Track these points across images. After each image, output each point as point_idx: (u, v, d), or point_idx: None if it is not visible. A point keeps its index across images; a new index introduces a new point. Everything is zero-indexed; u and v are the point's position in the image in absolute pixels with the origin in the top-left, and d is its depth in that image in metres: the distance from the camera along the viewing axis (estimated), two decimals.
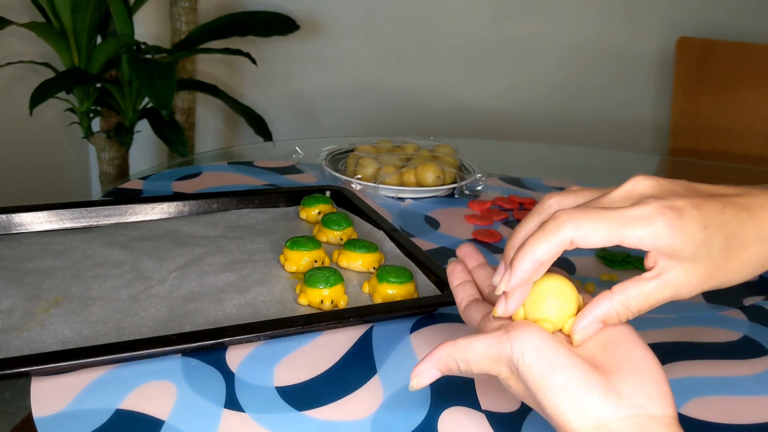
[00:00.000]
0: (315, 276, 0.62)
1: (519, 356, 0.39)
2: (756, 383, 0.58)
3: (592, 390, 0.37)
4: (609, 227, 0.40)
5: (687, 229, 0.40)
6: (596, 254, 0.80)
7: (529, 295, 0.42)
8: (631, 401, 0.37)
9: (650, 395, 0.38)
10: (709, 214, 0.41)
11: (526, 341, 0.40)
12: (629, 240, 0.40)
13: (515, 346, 0.40)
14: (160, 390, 0.50)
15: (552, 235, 0.40)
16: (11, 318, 0.57)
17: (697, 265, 0.40)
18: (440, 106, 2.03)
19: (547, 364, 0.39)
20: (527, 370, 0.39)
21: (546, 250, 0.40)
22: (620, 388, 0.38)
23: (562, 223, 0.40)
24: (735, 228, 0.41)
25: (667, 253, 0.40)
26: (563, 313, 0.42)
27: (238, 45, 1.72)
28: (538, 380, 0.39)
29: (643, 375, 0.38)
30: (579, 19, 1.92)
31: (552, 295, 0.42)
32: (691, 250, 0.40)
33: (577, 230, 0.40)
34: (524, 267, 0.41)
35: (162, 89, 1.37)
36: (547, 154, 1.41)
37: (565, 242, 0.40)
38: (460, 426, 0.49)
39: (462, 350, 0.42)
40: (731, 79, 1.69)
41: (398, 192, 0.94)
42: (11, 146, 1.78)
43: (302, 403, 0.50)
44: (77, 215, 0.75)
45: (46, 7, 1.51)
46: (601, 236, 0.40)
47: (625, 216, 0.40)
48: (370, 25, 1.98)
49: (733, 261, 0.41)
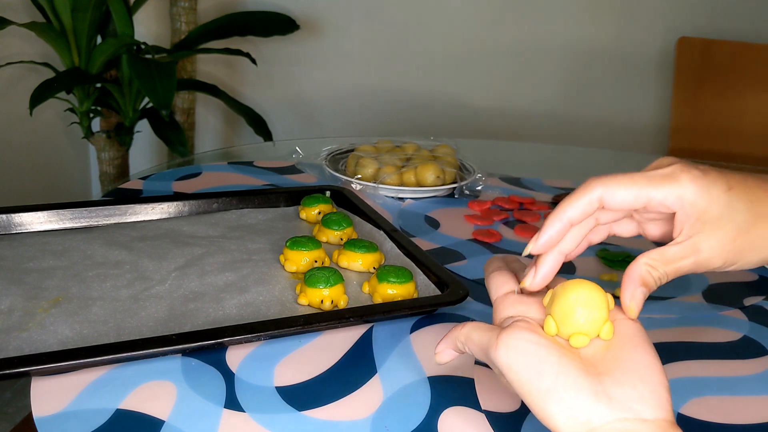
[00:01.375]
0: (315, 276, 0.62)
1: (505, 363, 0.40)
2: (756, 383, 0.58)
3: (581, 394, 0.37)
4: (636, 185, 0.41)
5: (711, 188, 0.40)
6: (596, 254, 0.80)
7: (558, 308, 0.41)
8: (621, 405, 0.37)
9: (643, 398, 0.37)
10: (733, 178, 0.42)
11: (513, 347, 0.40)
12: (655, 197, 0.41)
13: (501, 352, 0.40)
14: (160, 390, 0.50)
15: (581, 194, 0.42)
16: (11, 318, 0.57)
17: (720, 229, 0.41)
18: (440, 106, 2.03)
19: (534, 370, 0.39)
20: (514, 376, 0.39)
21: (575, 207, 0.42)
22: (611, 391, 0.38)
23: (591, 183, 0.42)
24: (759, 194, 0.42)
25: (692, 213, 0.40)
26: (595, 321, 0.41)
27: (238, 45, 1.73)
28: (525, 385, 0.39)
29: (638, 377, 0.38)
30: (579, 20, 1.92)
31: (580, 305, 0.41)
32: (716, 211, 0.40)
33: (606, 188, 0.41)
34: (554, 225, 0.42)
35: (162, 89, 1.37)
36: (547, 154, 1.41)
37: (593, 201, 0.42)
38: (460, 426, 0.49)
39: (465, 337, 0.44)
40: (731, 79, 1.69)
41: (398, 192, 0.94)
42: (11, 146, 1.78)
43: (302, 403, 0.50)
44: (77, 215, 0.75)
45: (46, 7, 1.51)
46: (629, 194, 0.41)
47: (652, 175, 0.42)
48: (370, 25, 1.98)
49: (757, 228, 0.42)
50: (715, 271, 0.43)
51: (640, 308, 0.42)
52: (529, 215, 0.91)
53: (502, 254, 0.54)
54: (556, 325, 0.41)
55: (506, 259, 0.53)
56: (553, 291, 0.43)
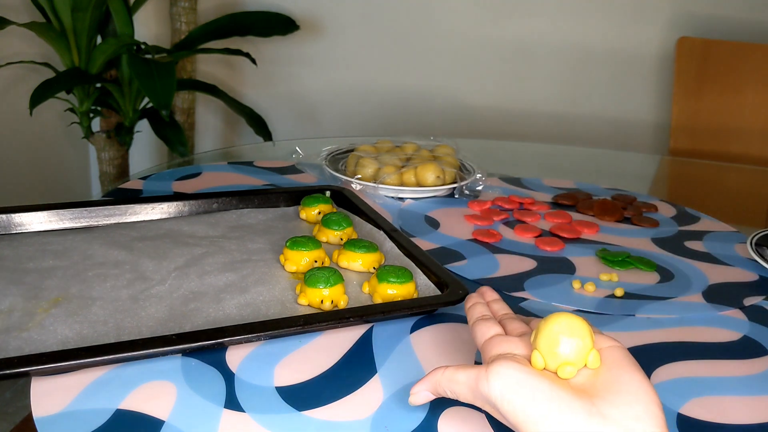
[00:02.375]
0: (315, 276, 0.62)
1: (498, 394, 0.40)
2: (756, 383, 0.58)
3: (576, 417, 0.38)
4: None
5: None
6: (596, 254, 0.80)
7: (543, 340, 0.42)
8: (617, 424, 0.38)
9: (638, 417, 0.38)
10: None
11: (504, 376, 0.40)
12: None
13: (493, 384, 0.40)
14: (160, 390, 0.50)
15: None
16: (11, 318, 0.57)
17: None
18: (440, 106, 2.03)
19: (529, 398, 0.39)
20: (508, 406, 0.40)
21: None
22: (606, 411, 0.38)
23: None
24: None
25: None
26: (580, 350, 0.41)
27: (238, 45, 1.73)
28: (520, 414, 0.39)
29: (631, 396, 0.39)
30: (579, 19, 1.92)
31: (564, 335, 0.41)
32: None
33: None
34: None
35: (162, 89, 1.37)
36: (547, 154, 1.41)
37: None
38: (460, 426, 0.49)
39: (448, 380, 0.44)
40: (731, 79, 1.69)
41: (398, 192, 0.94)
42: (11, 146, 1.78)
43: (302, 403, 0.50)
44: (77, 215, 0.75)
45: (46, 7, 1.51)
46: None
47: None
48: (370, 25, 1.98)
49: None
50: (713, 272, 0.43)
51: None
52: (529, 215, 0.91)
53: (480, 288, 0.56)
54: (543, 358, 0.42)
55: (485, 296, 0.55)
56: (539, 325, 0.43)
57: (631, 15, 1.91)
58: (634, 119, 1.99)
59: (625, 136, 2.00)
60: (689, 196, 1.17)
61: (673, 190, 1.26)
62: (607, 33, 1.93)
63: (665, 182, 1.28)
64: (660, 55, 1.92)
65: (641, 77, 1.96)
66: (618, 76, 1.96)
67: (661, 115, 1.97)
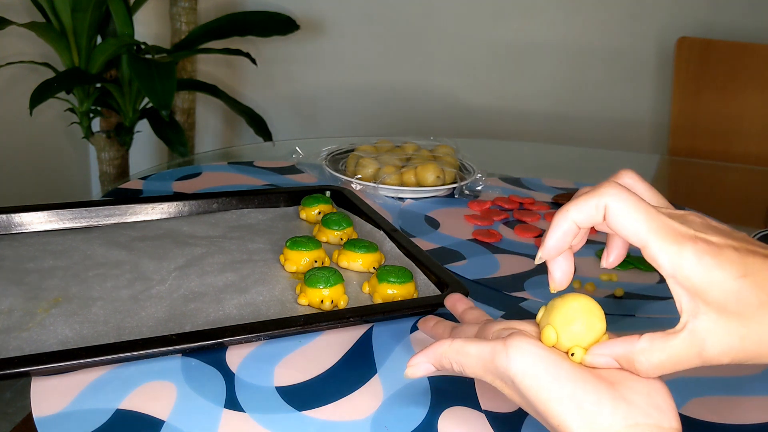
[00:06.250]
0: (315, 276, 0.62)
1: (519, 369, 0.38)
2: (756, 383, 0.58)
3: (602, 399, 0.37)
4: (644, 223, 0.37)
5: (716, 270, 0.35)
6: (596, 254, 0.80)
7: (559, 317, 0.40)
8: (641, 410, 0.37)
9: (659, 407, 0.37)
10: (751, 265, 0.36)
11: (527, 352, 0.38)
12: (651, 248, 0.36)
13: (514, 358, 0.38)
14: (160, 390, 0.50)
15: (590, 197, 0.38)
16: (11, 318, 0.57)
17: (727, 320, 0.35)
18: (440, 106, 2.03)
19: (553, 375, 0.38)
20: (530, 381, 0.38)
21: (580, 209, 0.39)
22: (630, 397, 0.37)
23: (605, 188, 0.38)
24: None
25: (688, 287, 0.36)
26: (597, 332, 0.40)
27: (238, 45, 1.72)
28: (543, 391, 0.37)
29: (651, 387, 0.38)
30: (579, 19, 1.92)
31: (584, 314, 0.40)
32: (717, 296, 0.35)
33: (617, 201, 0.37)
34: (560, 225, 0.40)
35: (162, 89, 1.37)
36: (547, 154, 1.41)
37: (600, 207, 0.38)
38: (460, 426, 0.49)
39: (456, 352, 0.41)
40: (731, 79, 1.69)
41: (398, 192, 0.94)
42: (11, 146, 1.77)
43: (302, 403, 0.50)
44: (77, 215, 0.75)
45: (46, 7, 1.51)
46: (633, 227, 0.37)
47: (662, 222, 0.36)
48: (370, 25, 1.98)
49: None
50: None
51: None
52: (529, 215, 0.91)
53: (455, 297, 0.56)
54: (557, 334, 0.40)
55: (458, 308, 0.54)
56: (552, 303, 0.42)
57: (631, 15, 1.91)
58: (633, 119, 1.99)
59: (624, 136, 2.00)
60: (688, 196, 1.17)
61: (672, 190, 1.26)
62: (607, 33, 1.93)
63: (664, 182, 1.28)
64: (659, 54, 1.92)
65: (641, 77, 1.96)
66: (618, 76, 1.97)
67: (660, 115, 1.97)
